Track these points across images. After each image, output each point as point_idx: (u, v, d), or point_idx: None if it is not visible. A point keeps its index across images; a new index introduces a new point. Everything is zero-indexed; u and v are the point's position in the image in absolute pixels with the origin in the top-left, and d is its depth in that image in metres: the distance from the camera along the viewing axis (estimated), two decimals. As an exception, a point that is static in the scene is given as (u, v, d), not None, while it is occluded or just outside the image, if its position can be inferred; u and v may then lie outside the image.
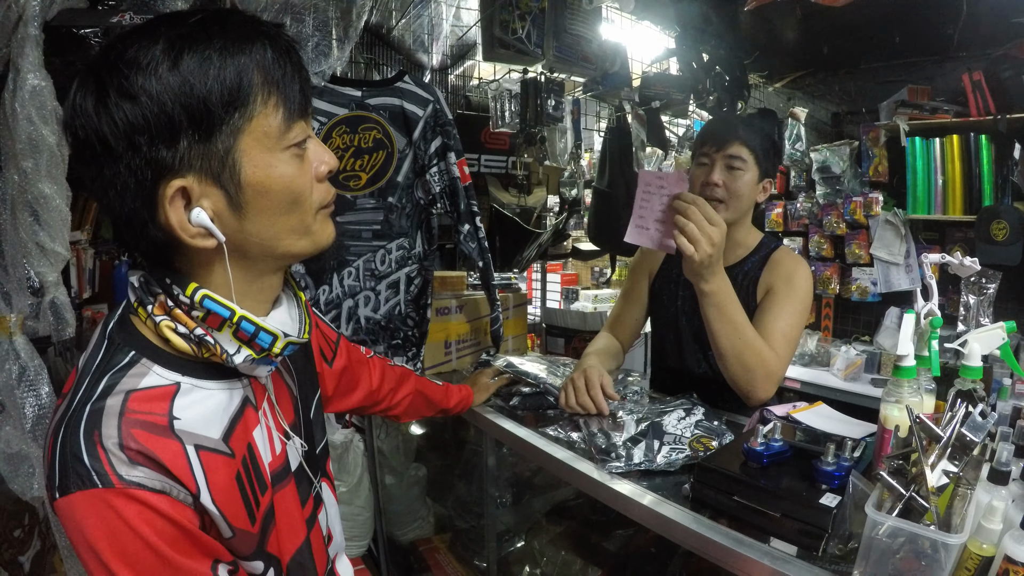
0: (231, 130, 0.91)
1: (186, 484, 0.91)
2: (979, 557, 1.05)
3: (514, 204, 3.85)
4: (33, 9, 1.69)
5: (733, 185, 2.15)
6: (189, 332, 0.96)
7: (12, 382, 1.87)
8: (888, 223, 4.28)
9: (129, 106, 0.86)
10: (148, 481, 0.87)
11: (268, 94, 0.94)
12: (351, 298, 2.65)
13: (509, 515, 2.72)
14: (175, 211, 0.92)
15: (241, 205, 0.95)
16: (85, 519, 0.85)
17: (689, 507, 1.50)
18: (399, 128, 2.58)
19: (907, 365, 1.37)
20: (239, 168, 0.93)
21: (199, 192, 0.92)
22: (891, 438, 1.35)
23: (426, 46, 3.35)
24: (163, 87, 0.86)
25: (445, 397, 2.09)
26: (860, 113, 4.62)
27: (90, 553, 0.85)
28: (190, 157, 0.90)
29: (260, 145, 0.94)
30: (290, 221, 1.01)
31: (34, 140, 1.70)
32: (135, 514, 0.86)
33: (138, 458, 0.88)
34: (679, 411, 1.93)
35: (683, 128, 5.07)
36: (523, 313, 3.16)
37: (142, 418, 0.91)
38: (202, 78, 0.88)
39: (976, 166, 3.84)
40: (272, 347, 1.02)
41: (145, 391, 0.94)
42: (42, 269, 1.84)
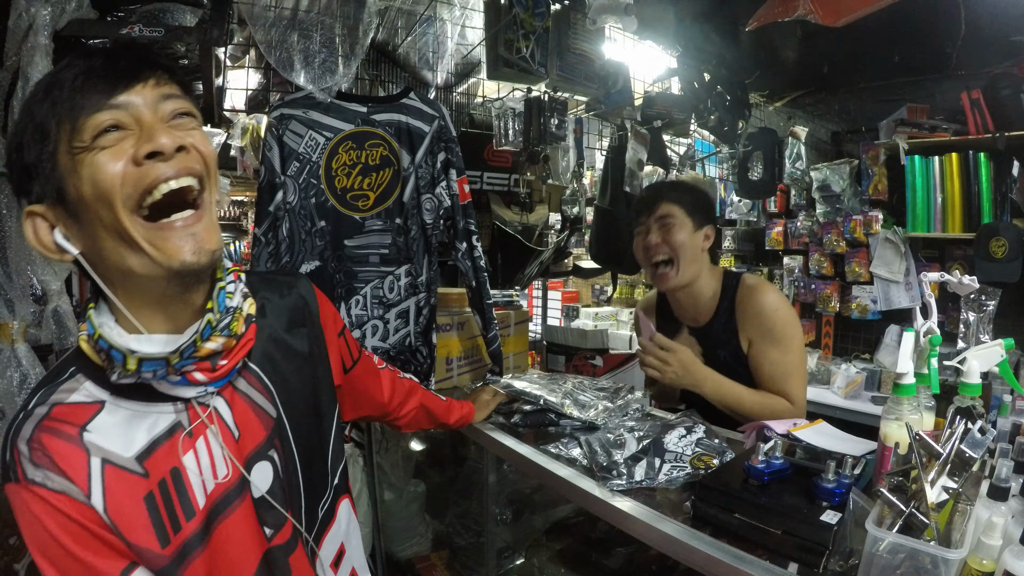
0: (47, 160, 0.99)
1: (80, 488, 0.97)
2: (979, 573, 1.05)
3: (516, 222, 3.86)
4: (43, 19, 1.71)
5: (671, 240, 2.31)
6: (99, 352, 1.03)
7: (13, 389, 1.87)
8: (888, 241, 4.30)
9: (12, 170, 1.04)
10: (49, 481, 0.96)
11: (57, 110, 0.99)
12: (358, 328, 2.62)
13: (509, 532, 2.71)
14: (35, 235, 1.03)
15: (77, 216, 1.00)
16: (13, 509, 0.97)
17: (690, 524, 1.50)
18: (404, 145, 2.58)
19: (907, 383, 1.38)
20: (62, 184, 0.99)
21: (52, 217, 1.02)
22: (891, 455, 1.36)
23: (431, 64, 3.37)
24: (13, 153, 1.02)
25: (447, 412, 2.10)
26: (860, 132, 4.64)
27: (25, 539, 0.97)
28: (40, 190, 1.01)
29: (67, 156, 0.98)
30: (105, 227, 0.99)
31: None
32: (40, 509, 0.95)
33: (41, 460, 0.97)
34: (680, 429, 1.93)
35: (684, 147, 5.09)
36: (524, 330, 3.16)
37: (55, 426, 0.99)
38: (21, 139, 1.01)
39: (975, 184, 3.86)
40: (125, 364, 1.01)
41: (70, 405, 1.02)
42: (46, 277, 1.85)
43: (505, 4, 2.92)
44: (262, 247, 2.44)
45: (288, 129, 2.43)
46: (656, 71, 4.13)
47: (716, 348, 2.37)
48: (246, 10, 2.38)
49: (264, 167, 2.44)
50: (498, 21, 2.93)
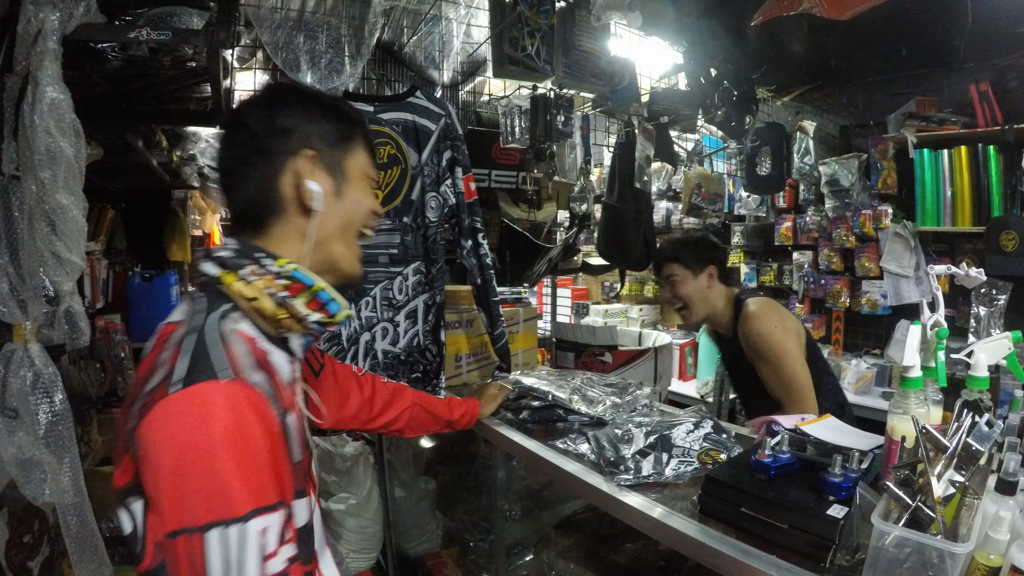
0: (344, 148, 1.33)
1: (282, 400, 1.13)
2: (986, 568, 1.05)
3: (524, 219, 3.87)
4: (52, 23, 1.72)
5: (680, 293, 2.87)
6: (275, 293, 1.18)
7: (26, 388, 1.89)
8: (897, 235, 4.28)
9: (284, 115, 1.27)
10: (262, 386, 1.07)
11: (363, 140, 1.38)
12: (368, 331, 2.62)
13: (518, 528, 2.72)
14: (302, 170, 1.26)
15: (340, 194, 1.31)
16: (201, 409, 0.99)
17: (697, 519, 1.50)
18: (411, 144, 2.59)
19: (913, 376, 1.38)
20: (345, 177, 1.33)
21: (317, 174, 1.28)
22: (898, 449, 1.36)
23: (437, 63, 3.37)
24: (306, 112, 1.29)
25: (448, 410, 2.15)
26: (868, 126, 4.61)
27: (199, 440, 0.97)
28: (321, 151, 1.29)
29: (359, 171, 1.36)
30: (348, 228, 1.35)
31: (52, 152, 1.72)
32: (249, 411, 1.02)
33: (258, 367, 1.10)
34: (688, 424, 1.94)
35: (692, 143, 5.08)
36: (533, 327, 3.17)
37: (253, 344, 1.14)
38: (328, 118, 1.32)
39: (984, 177, 3.84)
40: (336, 315, 1.25)
41: (245, 332, 1.15)
42: (58, 278, 1.86)
43: (510, 2, 2.92)
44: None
45: (296, 129, 2.44)
46: (662, 67, 4.12)
47: (743, 363, 2.81)
48: (252, 12, 2.39)
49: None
50: (503, 19, 2.93)
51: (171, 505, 0.96)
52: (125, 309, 5.23)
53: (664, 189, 5.91)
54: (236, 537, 0.95)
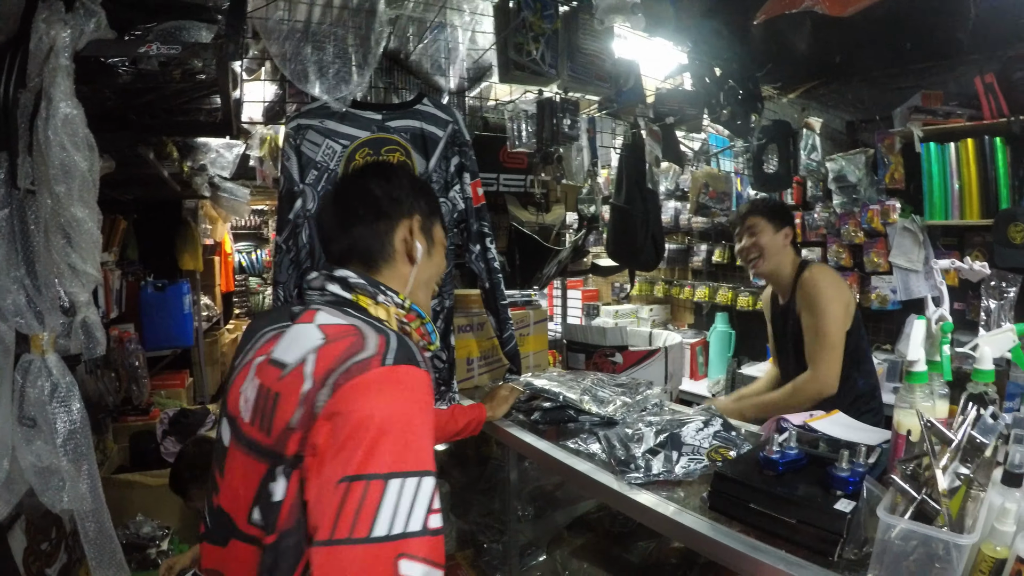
0: (433, 219, 1.67)
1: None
2: (993, 559, 1.06)
3: (533, 222, 3.89)
4: (64, 40, 1.72)
5: (759, 242, 3.05)
6: (399, 318, 1.52)
7: (44, 398, 1.91)
8: (906, 230, 4.27)
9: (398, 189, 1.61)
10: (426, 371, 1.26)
11: (441, 218, 1.72)
12: None
13: (531, 529, 2.74)
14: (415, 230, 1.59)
15: (430, 253, 1.64)
16: (408, 383, 1.19)
17: (707, 515, 1.52)
18: (419, 150, 2.60)
19: (918, 370, 1.40)
20: (434, 237, 1.66)
21: (418, 234, 1.59)
22: (904, 443, 1.37)
23: (443, 69, 3.39)
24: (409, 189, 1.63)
25: (452, 420, 2.24)
26: (874, 121, 4.60)
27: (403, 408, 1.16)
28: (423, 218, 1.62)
29: (440, 234, 1.70)
30: (431, 279, 1.68)
31: (67, 166, 1.73)
32: (430, 393, 1.24)
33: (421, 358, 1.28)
34: (697, 422, 1.96)
35: (698, 143, 5.09)
36: (543, 329, 3.19)
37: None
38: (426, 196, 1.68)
39: (992, 169, 3.83)
40: (433, 344, 1.63)
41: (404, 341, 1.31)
42: (73, 289, 1.86)
43: (514, 8, 2.94)
44: (283, 254, 2.48)
45: (305, 139, 2.47)
46: (667, 68, 4.13)
47: (792, 321, 3.05)
48: (260, 24, 2.41)
49: (283, 177, 2.49)
50: (507, 25, 2.94)
51: (364, 455, 1.08)
52: (138, 318, 5.27)
53: (672, 189, 5.92)
54: (413, 488, 1.08)
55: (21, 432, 1.89)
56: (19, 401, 1.90)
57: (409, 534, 1.05)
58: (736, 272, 5.76)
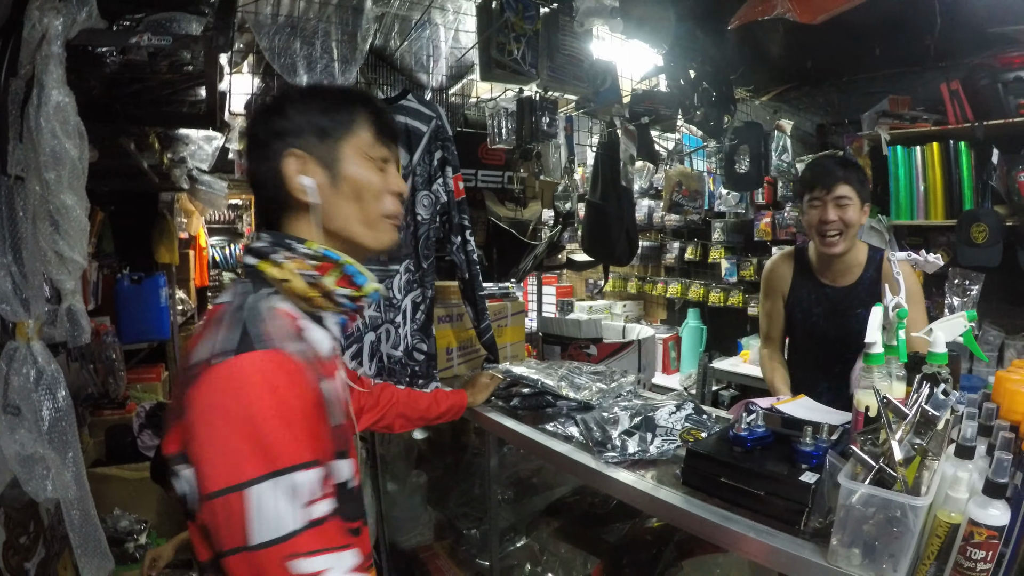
0: (338, 137, 1.37)
1: (319, 368, 1.23)
2: (948, 525, 1.14)
3: (510, 217, 3.95)
4: (56, 29, 1.74)
5: (846, 217, 2.62)
6: (305, 273, 1.30)
7: (29, 386, 1.92)
8: (873, 229, 4.35)
9: (277, 118, 1.37)
10: (299, 355, 1.17)
11: (366, 122, 1.40)
12: (372, 331, 2.67)
13: (510, 514, 2.80)
14: (287, 168, 1.34)
15: (337, 186, 1.37)
16: (250, 374, 1.10)
17: (681, 490, 1.60)
18: (403, 145, 2.65)
19: (875, 352, 1.49)
20: (340, 162, 1.37)
21: (309, 168, 1.35)
22: (863, 419, 1.46)
23: (426, 67, 3.45)
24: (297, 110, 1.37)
25: (435, 403, 2.23)
26: (844, 124, 4.68)
27: (245, 403, 1.07)
28: (307, 146, 1.35)
29: (357, 152, 1.39)
30: (362, 210, 1.40)
31: (57, 153, 1.76)
32: (294, 373, 1.14)
33: (297, 339, 1.21)
34: (670, 406, 2.03)
35: (672, 142, 5.18)
36: (521, 321, 3.24)
37: (292, 320, 1.26)
38: (323, 110, 1.39)
39: (956, 172, 3.92)
40: (363, 288, 1.37)
41: (283, 309, 1.26)
42: (60, 277, 1.88)
43: (496, 8, 3.00)
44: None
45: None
46: (643, 69, 4.19)
47: (856, 307, 2.69)
48: (250, 19, 2.46)
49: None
50: (490, 25, 3.00)
51: (217, 465, 1.05)
52: (114, 311, 5.23)
53: (646, 187, 6.00)
54: (279, 490, 1.03)
55: (5, 420, 1.89)
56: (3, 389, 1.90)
57: (290, 534, 1.03)
58: (708, 269, 5.85)
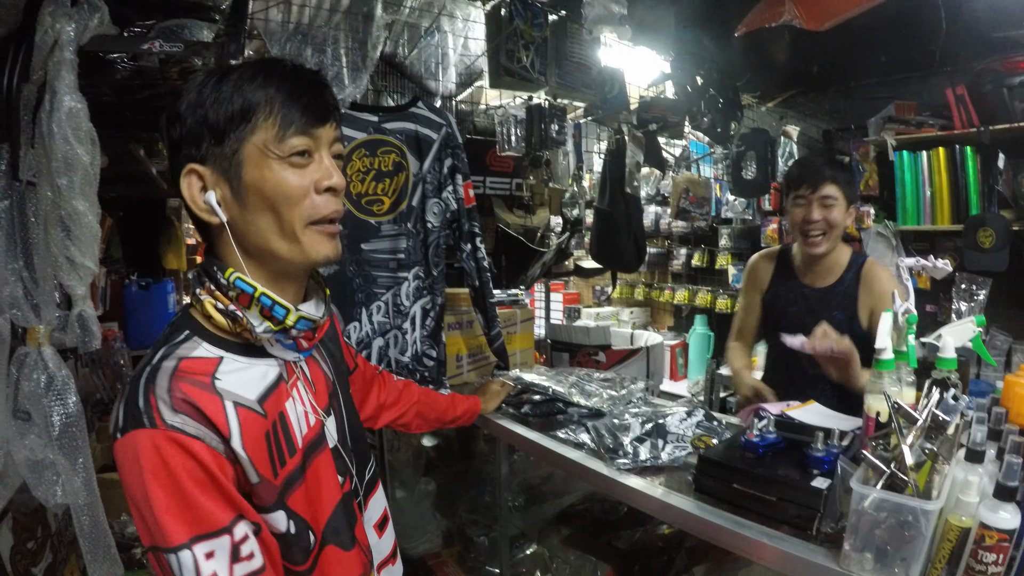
0: (236, 139, 1.17)
1: (220, 430, 1.11)
2: (959, 528, 1.15)
3: (519, 224, 3.97)
4: (68, 34, 1.73)
5: (831, 218, 2.58)
6: (225, 308, 1.19)
7: (40, 391, 1.90)
8: (879, 235, 4.36)
9: (177, 126, 1.18)
10: (186, 427, 1.08)
11: (269, 110, 1.18)
12: (381, 336, 2.68)
13: (520, 521, 2.80)
14: (188, 188, 1.18)
15: (242, 197, 1.19)
16: (133, 455, 1.05)
17: (693, 496, 1.61)
18: (413, 152, 2.66)
19: (886, 358, 1.50)
20: (241, 167, 1.18)
21: (212, 182, 1.19)
22: (873, 424, 1.47)
23: (435, 74, 3.46)
24: (191, 112, 1.17)
25: (451, 405, 2.23)
26: (850, 130, 4.69)
27: (136, 482, 1.04)
28: (207, 155, 1.17)
29: (259, 152, 1.18)
30: (277, 221, 1.21)
31: (69, 159, 1.75)
32: (172, 453, 1.05)
33: (182, 407, 1.09)
34: (681, 413, 2.04)
35: (679, 149, 5.19)
36: (530, 328, 3.25)
37: (190, 376, 1.13)
38: (214, 106, 1.16)
39: (962, 177, 3.93)
40: (285, 319, 1.22)
41: (194, 359, 1.16)
42: (71, 282, 1.86)
43: (506, 16, 3.02)
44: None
45: (302, 139, 2.51)
46: (650, 76, 4.21)
47: (833, 309, 2.64)
48: (261, 26, 2.47)
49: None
50: (499, 33, 3.02)
51: (139, 528, 1.07)
52: (122, 317, 5.23)
53: (653, 194, 6.00)
54: (176, 563, 1.03)
55: (15, 426, 1.89)
56: (14, 394, 1.89)
57: None
58: (715, 275, 5.85)
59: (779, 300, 2.84)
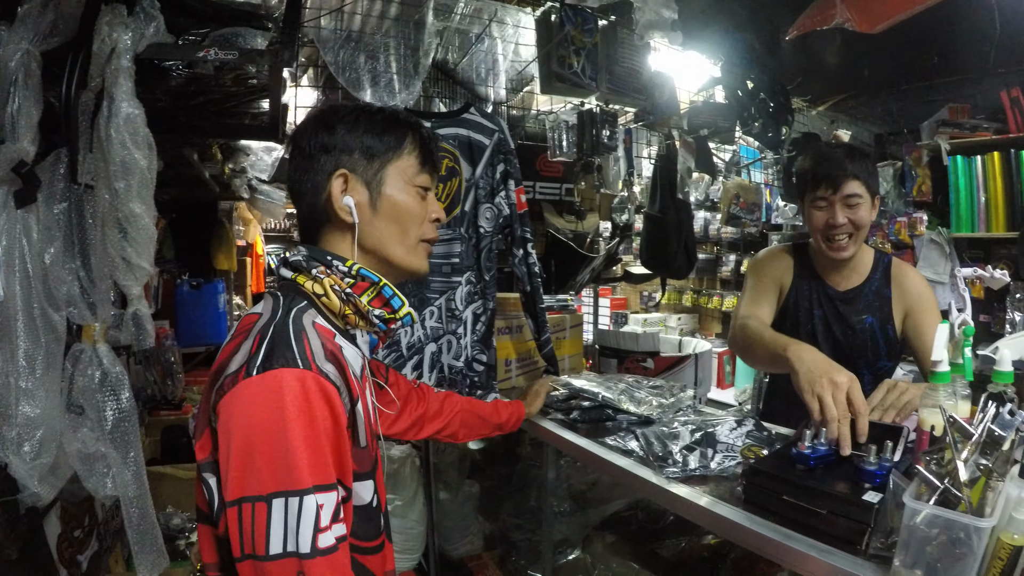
0: (384, 160, 1.42)
1: (352, 391, 1.25)
2: (1011, 547, 1.13)
3: (568, 229, 3.98)
4: (125, 43, 1.78)
5: (858, 219, 2.33)
6: (341, 290, 1.34)
7: (93, 386, 1.95)
8: (933, 242, 4.30)
9: (330, 134, 1.40)
10: (333, 376, 1.19)
11: (412, 149, 1.46)
12: (434, 342, 2.69)
13: (564, 526, 2.79)
14: (336, 188, 1.38)
15: (376, 206, 1.41)
16: (276, 392, 1.11)
17: (742, 507, 1.60)
18: (466, 157, 2.69)
19: (941, 371, 1.48)
20: (383, 183, 1.42)
21: (352, 187, 1.40)
22: (928, 438, 1.46)
23: (486, 80, 3.48)
24: (346, 128, 1.41)
25: (496, 413, 2.26)
26: (902, 134, 4.64)
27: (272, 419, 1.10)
28: (356, 166, 1.40)
29: (398, 175, 1.44)
30: (400, 233, 1.45)
31: (127, 163, 1.79)
32: (317, 397, 1.14)
33: (331, 359, 1.22)
34: (731, 422, 2.03)
35: (729, 154, 5.16)
36: (579, 333, 3.26)
37: (324, 336, 1.26)
38: (371, 130, 1.42)
39: (1018, 182, 3.86)
40: (399, 310, 1.39)
41: (321, 325, 1.29)
42: (127, 282, 1.92)
43: (556, 22, 3.04)
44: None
45: (356, 146, 2.55)
46: (700, 81, 4.20)
47: (861, 312, 2.46)
48: (315, 33, 2.51)
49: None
50: (550, 39, 3.04)
51: (240, 476, 1.09)
52: (173, 315, 5.32)
53: (703, 199, 5.98)
54: (296, 508, 1.07)
55: (68, 419, 1.94)
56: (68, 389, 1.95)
57: (301, 554, 1.06)
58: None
59: (804, 301, 2.56)
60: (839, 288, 2.51)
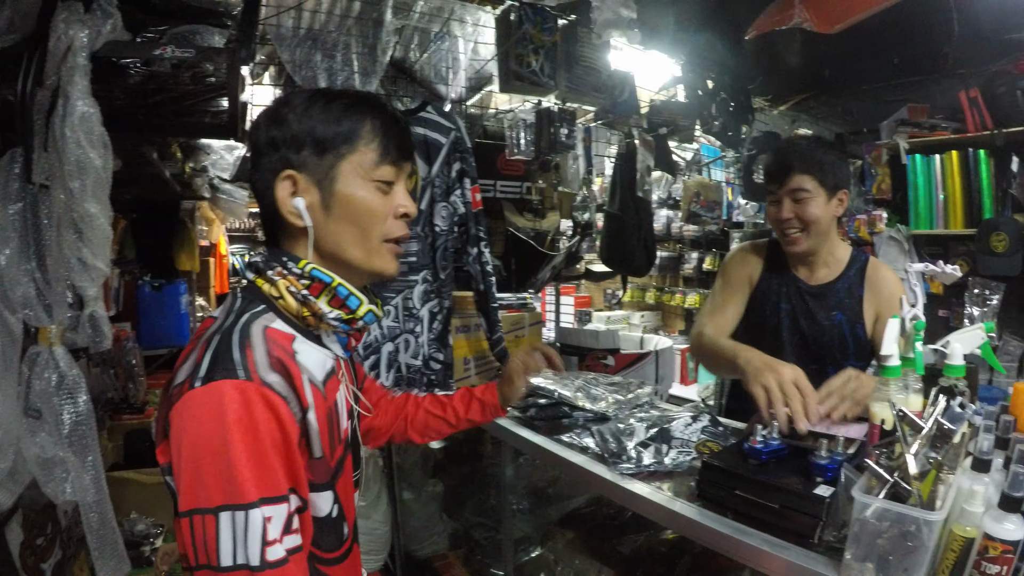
0: (337, 154, 1.29)
1: (302, 400, 1.19)
2: (963, 539, 1.13)
3: (529, 228, 3.97)
4: (82, 40, 1.75)
5: (804, 214, 2.30)
6: (297, 292, 1.26)
7: (51, 389, 1.92)
8: (892, 239, 4.34)
9: (279, 128, 1.28)
10: (277, 386, 1.14)
11: (371, 138, 1.31)
12: (391, 341, 2.68)
13: (525, 524, 2.80)
14: (281, 191, 1.27)
15: (328, 206, 1.29)
16: (217, 404, 1.08)
17: (696, 503, 1.60)
18: (422, 156, 2.68)
19: (892, 365, 1.48)
20: (335, 180, 1.29)
21: (303, 188, 1.28)
22: (878, 432, 1.46)
23: (445, 79, 3.47)
24: (297, 121, 1.28)
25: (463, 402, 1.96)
26: (862, 133, 4.68)
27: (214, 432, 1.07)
28: (305, 163, 1.28)
29: (353, 171, 1.30)
30: (358, 234, 1.32)
31: (82, 162, 1.76)
32: (260, 409, 1.10)
33: (277, 366, 1.16)
34: (686, 418, 2.04)
35: (690, 153, 5.18)
36: (538, 331, 3.25)
37: (277, 343, 1.21)
38: (323, 122, 1.28)
39: (975, 180, 3.91)
40: (357, 310, 1.31)
41: (276, 330, 1.24)
42: (83, 283, 1.88)
43: (515, 20, 3.03)
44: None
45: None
46: (661, 79, 4.21)
47: (831, 309, 2.41)
48: (272, 31, 2.48)
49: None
50: (509, 37, 3.03)
51: (189, 488, 1.07)
52: (135, 317, 5.26)
53: (664, 197, 6.01)
54: (243, 522, 1.04)
55: (26, 423, 1.90)
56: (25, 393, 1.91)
57: (252, 567, 1.05)
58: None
59: (772, 295, 2.51)
60: (809, 282, 2.47)
